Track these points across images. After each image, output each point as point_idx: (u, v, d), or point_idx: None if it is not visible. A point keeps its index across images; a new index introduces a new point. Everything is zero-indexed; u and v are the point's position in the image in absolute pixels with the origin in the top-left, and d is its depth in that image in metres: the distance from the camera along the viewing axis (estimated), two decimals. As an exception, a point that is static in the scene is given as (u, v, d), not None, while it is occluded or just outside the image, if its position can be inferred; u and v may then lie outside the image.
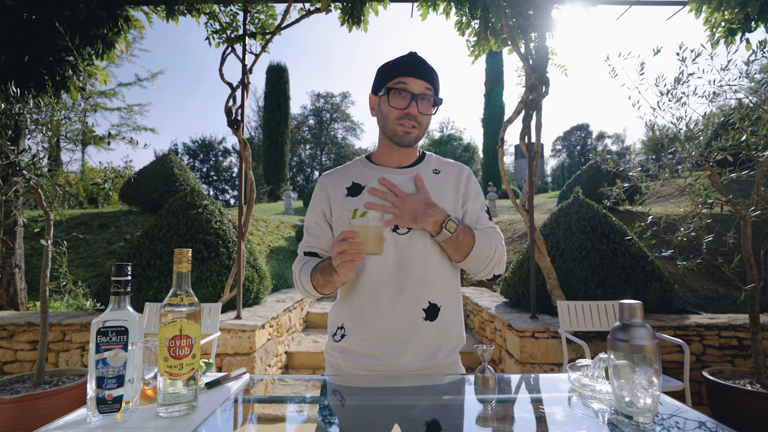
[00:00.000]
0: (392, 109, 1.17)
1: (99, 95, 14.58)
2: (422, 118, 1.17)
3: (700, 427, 0.79)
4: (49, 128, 2.53)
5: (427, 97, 1.16)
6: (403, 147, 1.22)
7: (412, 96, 1.14)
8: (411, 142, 1.19)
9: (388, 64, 1.19)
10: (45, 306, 2.71)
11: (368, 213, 0.96)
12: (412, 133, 1.17)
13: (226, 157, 41.91)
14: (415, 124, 1.16)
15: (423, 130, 1.19)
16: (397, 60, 1.18)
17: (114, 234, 8.27)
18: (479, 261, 1.17)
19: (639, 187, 5.70)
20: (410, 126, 1.16)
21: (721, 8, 3.90)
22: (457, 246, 1.14)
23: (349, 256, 0.94)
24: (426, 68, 1.17)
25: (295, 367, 4.35)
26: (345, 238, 0.95)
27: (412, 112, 1.15)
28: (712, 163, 2.71)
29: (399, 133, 1.17)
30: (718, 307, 5.10)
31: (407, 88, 1.14)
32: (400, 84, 1.15)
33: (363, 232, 0.96)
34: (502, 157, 4.22)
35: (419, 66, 1.16)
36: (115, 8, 4.09)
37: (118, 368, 0.79)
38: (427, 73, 1.16)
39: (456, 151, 39.91)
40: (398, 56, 1.20)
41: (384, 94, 1.17)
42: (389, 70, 1.18)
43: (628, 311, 0.82)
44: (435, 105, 1.18)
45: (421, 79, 1.15)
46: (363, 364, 1.15)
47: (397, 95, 1.15)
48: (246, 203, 3.91)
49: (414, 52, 1.20)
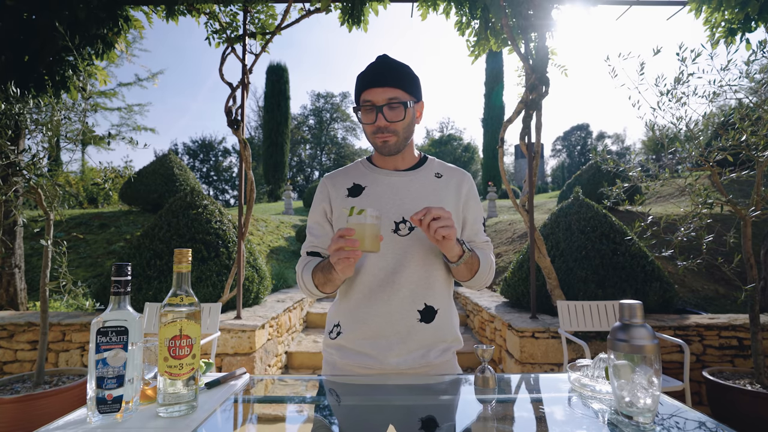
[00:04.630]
0: (366, 125, 1.18)
1: (99, 95, 14.59)
2: (394, 126, 1.16)
3: (700, 427, 0.79)
4: (49, 128, 2.52)
5: (394, 104, 1.14)
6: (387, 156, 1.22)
7: (377, 109, 1.14)
8: (391, 150, 1.19)
9: (358, 76, 1.19)
10: (45, 306, 2.71)
11: (365, 211, 0.97)
12: (389, 141, 1.17)
13: (226, 157, 41.92)
14: (389, 134, 1.16)
15: (402, 135, 1.18)
16: (362, 72, 1.18)
17: (114, 234, 8.27)
18: (482, 277, 1.22)
19: (639, 187, 5.70)
20: (384, 137, 1.16)
21: (721, 8, 3.90)
22: (471, 265, 1.16)
23: (346, 253, 0.95)
24: (389, 74, 1.14)
25: (295, 367, 4.35)
26: (342, 235, 0.95)
27: (381, 124, 1.15)
28: (712, 163, 2.70)
29: (378, 144, 1.18)
30: (718, 307, 5.10)
31: (371, 101, 1.14)
32: (366, 101, 1.15)
33: (360, 229, 0.96)
34: (502, 157, 4.22)
35: (380, 73, 1.14)
36: (115, 8, 4.09)
37: (118, 368, 0.79)
38: (388, 79, 1.14)
39: (456, 151, 39.89)
40: (367, 65, 1.19)
41: (357, 112, 1.19)
42: (358, 85, 1.18)
43: (628, 311, 0.82)
44: (406, 107, 1.16)
45: (383, 86, 1.13)
46: (357, 361, 1.16)
47: (366, 111, 1.16)
48: (246, 203, 3.91)
49: (381, 57, 1.18)
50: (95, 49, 4.17)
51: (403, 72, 1.16)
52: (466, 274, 1.18)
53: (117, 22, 4.17)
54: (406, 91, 1.16)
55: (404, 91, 1.15)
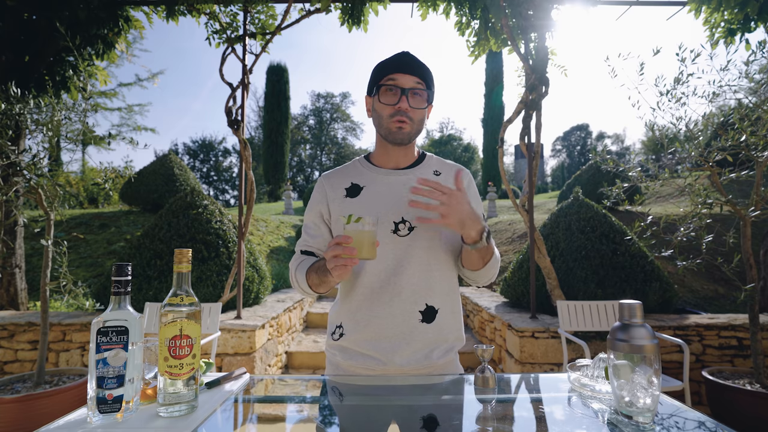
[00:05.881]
0: (384, 106, 1.17)
1: (99, 95, 14.59)
2: (414, 113, 1.16)
3: (699, 427, 0.79)
4: (49, 128, 2.53)
5: (419, 92, 1.15)
6: (398, 145, 1.21)
7: (402, 91, 1.14)
8: (404, 138, 1.18)
9: (380, 63, 1.20)
10: (45, 306, 2.71)
11: (362, 218, 0.97)
12: (404, 128, 1.16)
13: (226, 157, 41.92)
14: (407, 119, 1.15)
15: (416, 126, 1.19)
16: (388, 59, 1.19)
17: (114, 234, 8.27)
18: (491, 269, 1.17)
19: (639, 188, 5.70)
20: (402, 121, 1.15)
21: (721, 8, 3.90)
22: (484, 254, 1.11)
23: (343, 260, 0.95)
24: (416, 64, 1.17)
25: (295, 367, 4.36)
26: (339, 242, 0.95)
27: (403, 107, 1.14)
28: (711, 163, 2.71)
29: (392, 129, 1.16)
30: (717, 307, 5.10)
31: (397, 83, 1.14)
32: (390, 81, 1.15)
33: (357, 237, 0.96)
34: (502, 157, 4.22)
35: (409, 62, 1.16)
36: (116, 8, 4.09)
37: (118, 368, 0.79)
38: (417, 68, 1.16)
39: (456, 151, 39.84)
40: (393, 54, 1.20)
41: (376, 93, 1.18)
42: (380, 70, 1.18)
43: (627, 311, 0.82)
44: (428, 101, 1.18)
45: (410, 74, 1.14)
46: (360, 363, 1.16)
47: (388, 92, 1.16)
48: (246, 203, 3.91)
49: (406, 51, 1.20)
50: (95, 49, 4.18)
51: (427, 70, 1.19)
52: (477, 263, 1.13)
53: (117, 22, 4.18)
54: (428, 86, 1.18)
55: (427, 86, 1.18)
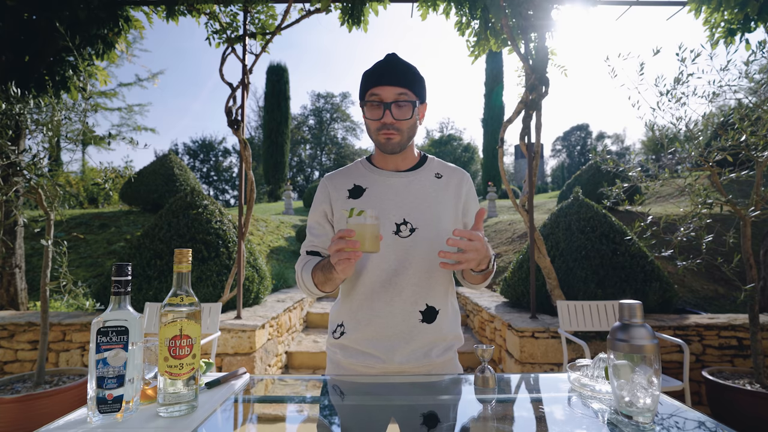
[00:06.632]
0: (370, 121, 1.18)
1: (99, 95, 14.60)
2: (400, 124, 1.16)
3: (699, 427, 0.79)
4: (49, 128, 2.53)
5: (402, 102, 1.15)
6: (392, 154, 1.22)
7: (385, 105, 1.14)
8: (395, 148, 1.19)
9: (365, 73, 1.20)
10: (45, 306, 2.71)
11: (365, 211, 0.97)
12: (393, 140, 1.17)
13: (226, 157, 41.91)
14: (394, 131, 1.16)
15: (406, 134, 1.19)
16: (371, 69, 1.19)
17: (114, 234, 8.27)
18: (485, 284, 1.27)
19: (639, 188, 5.70)
20: (389, 134, 1.16)
21: (721, 8, 3.90)
22: (487, 275, 1.18)
23: (346, 254, 0.95)
24: (399, 72, 1.15)
25: (295, 367, 4.36)
26: (342, 236, 0.96)
27: (387, 121, 1.15)
28: (711, 163, 2.71)
29: (381, 141, 1.18)
30: (717, 307, 5.10)
31: (379, 98, 1.15)
32: (373, 96, 1.16)
33: (360, 230, 0.96)
34: (502, 157, 4.22)
35: (392, 71, 1.15)
36: (116, 8, 4.09)
37: (118, 368, 0.79)
38: (399, 78, 1.15)
39: (456, 151, 39.85)
40: (375, 62, 1.19)
41: (363, 106, 1.19)
42: (364, 82, 1.19)
43: (627, 311, 0.83)
44: (415, 105, 1.17)
45: (392, 85, 1.14)
46: (360, 361, 1.18)
47: (372, 107, 1.16)
48: (246, 203, 3.91)
49: (390, 55, 1.19)
50: (95, 49, 4.18)
51: (412, 72, 1.18)
52: (479, 280, 1.21)
53: (117, 22, 4.18)
54: (414, 91, 1.17)
55: (412, 92, 1.17)
